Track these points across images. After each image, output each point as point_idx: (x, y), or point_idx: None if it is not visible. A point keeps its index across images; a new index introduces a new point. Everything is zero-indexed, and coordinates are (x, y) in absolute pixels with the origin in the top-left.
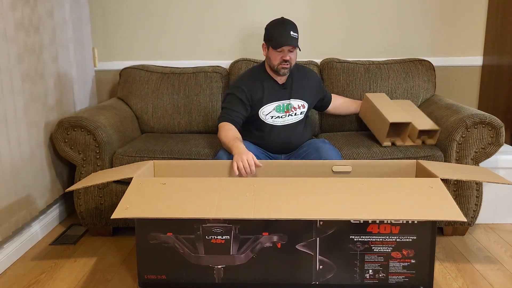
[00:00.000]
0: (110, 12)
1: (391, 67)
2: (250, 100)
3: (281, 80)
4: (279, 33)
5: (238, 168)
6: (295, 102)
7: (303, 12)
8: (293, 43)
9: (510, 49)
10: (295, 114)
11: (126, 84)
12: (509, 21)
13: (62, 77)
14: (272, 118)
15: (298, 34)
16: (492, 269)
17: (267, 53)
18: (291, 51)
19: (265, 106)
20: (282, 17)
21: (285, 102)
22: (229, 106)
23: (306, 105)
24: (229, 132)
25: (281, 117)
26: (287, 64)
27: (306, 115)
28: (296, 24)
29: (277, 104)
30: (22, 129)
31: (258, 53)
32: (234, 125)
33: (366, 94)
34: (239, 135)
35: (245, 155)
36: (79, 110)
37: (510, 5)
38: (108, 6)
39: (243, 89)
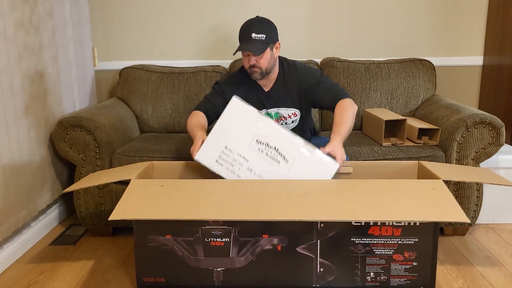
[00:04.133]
0: (110, 12)
1: (392, 67)
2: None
3: (266, 87)
4: (240, 35)
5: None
6: (284, 111)
7: (303, 12)
8: (249, 49)
9: (510, 49)
10: (286, 123)
11: (126, 84)
12: (509, 21)
13: (62, 77)
14: None
15: (266, 33)
16: (492, 269)
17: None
18: (257, 55)
19: None
20: (255, 17)
21: (273, 110)
22: (208, 97)
23: (298, 113)
24: (193, 120)
25: None
26: (256, 69)
27: (302, 123)
28: (274, 22)
29: (264, 112)
30: (22, 129)
31: None
32: (205, 114)
33: (366, 109)
34: (203, 123)
35: (199, 139)
36: (79, 110)
37: (510, 5)
38: (108, 6)
39: (224, 93)
